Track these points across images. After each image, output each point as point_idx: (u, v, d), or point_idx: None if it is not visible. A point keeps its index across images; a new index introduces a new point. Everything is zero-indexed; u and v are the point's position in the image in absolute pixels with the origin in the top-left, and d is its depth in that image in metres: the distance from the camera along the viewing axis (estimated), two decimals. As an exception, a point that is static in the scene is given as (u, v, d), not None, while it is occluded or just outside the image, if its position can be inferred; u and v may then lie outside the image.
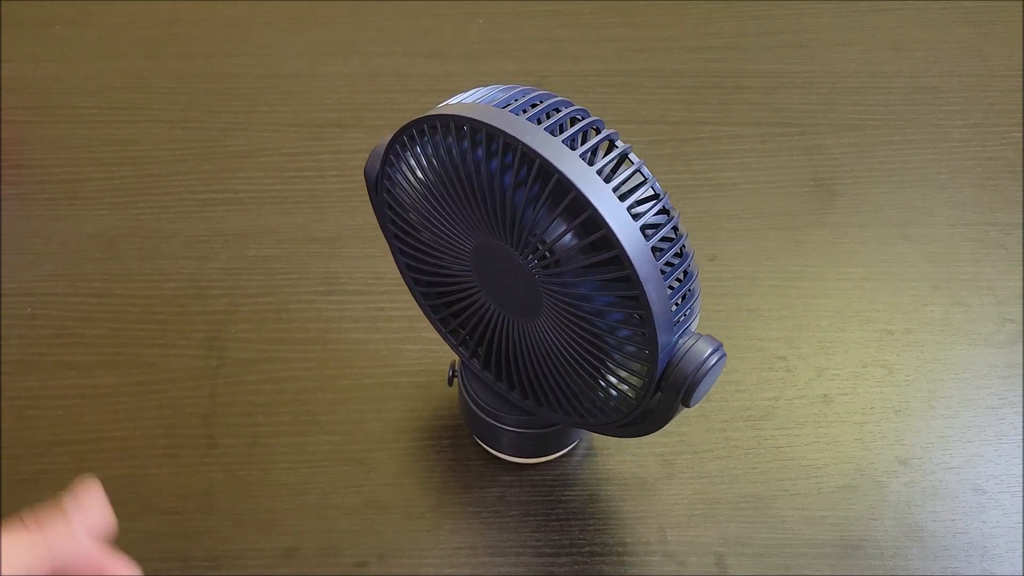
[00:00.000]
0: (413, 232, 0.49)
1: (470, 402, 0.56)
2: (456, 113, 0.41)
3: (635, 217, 0.40)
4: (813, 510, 0.60)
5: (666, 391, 0.43)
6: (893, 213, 0.73)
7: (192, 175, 0.76)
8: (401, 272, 0.53)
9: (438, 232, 0.47)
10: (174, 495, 0.61)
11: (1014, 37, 0.84)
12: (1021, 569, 0.58)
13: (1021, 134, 0.78)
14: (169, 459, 0.62)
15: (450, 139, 0.43)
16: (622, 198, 0.40)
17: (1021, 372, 0.66)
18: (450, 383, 0.58)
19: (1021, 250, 0.71)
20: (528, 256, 0.43)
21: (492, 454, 0.61)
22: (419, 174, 0.45)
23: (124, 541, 0.59)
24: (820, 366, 0.66)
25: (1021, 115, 0.79)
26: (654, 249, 0.40)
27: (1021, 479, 0.61)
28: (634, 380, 0.45)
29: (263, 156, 0.77)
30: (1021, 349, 0.67)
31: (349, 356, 0.66)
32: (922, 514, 0.60)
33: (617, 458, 0.62)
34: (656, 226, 0.41)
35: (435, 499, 0.60)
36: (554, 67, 0.83)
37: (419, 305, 0.54)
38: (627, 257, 0.39)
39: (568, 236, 0.41)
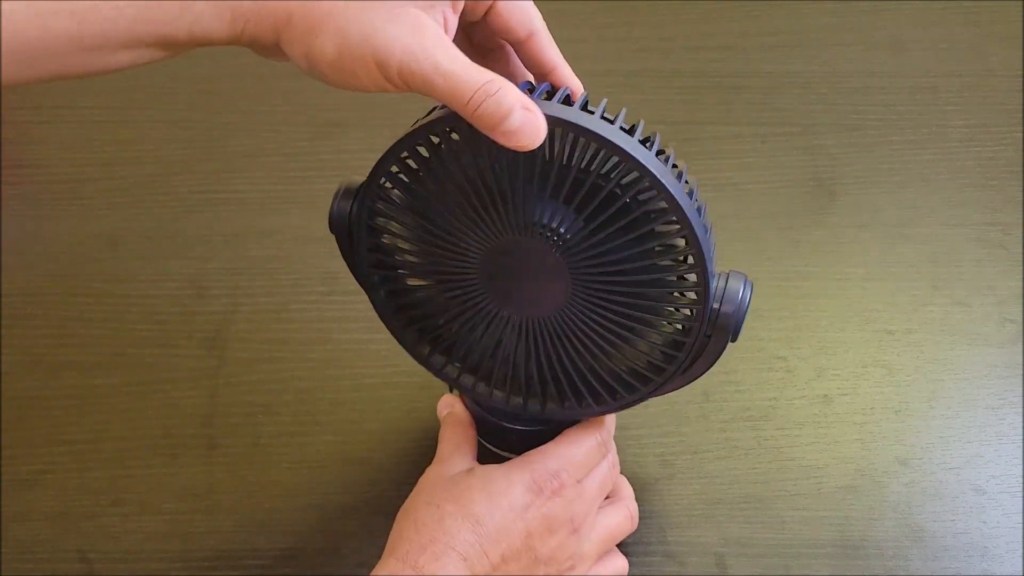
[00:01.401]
0: (412, 262, 0.48)
1: (471, 401, 0.56)
2: None
3: (677, 176, 0.41)
4: (813, 510, 0.60)
5: (716, 334, 0.45)
6: (893, 213, 0.73)
7: (193, 175, 0.75)
8: (388, 321, 0.51)
9: (446, 247, 0.46)
10: (174, 495, 0.61)
11: (1014, 37, 0.84)
12: (1021, 569, 0.58)
13: (1021, 134, 0.77)
14: (169, 459, 0.62)
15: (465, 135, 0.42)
16: (658, 156, 0.41)
17: (1021, 372, 0.66)
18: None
19: (1021, 250, 0.71)
20: (564, 237, 0.43)
21: (493, 454, 0.61)
22: (429, 186, 0.45)
23: (124, 541, 0.60)
24: (820, 366, 0.66)
25: (1021, 115, 0.79)
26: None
27: (1021, 479, 0.61)
28: (682, 333, 0.46)
29: (264, 156, 0.77)
30: (1021, 349, 0.67)
31: (349, 356, 0.66)
32: (922, 514, 0.60)
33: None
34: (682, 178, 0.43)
35: (435, 499, 0.60)
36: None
37: (413, 355, 0.52)
38: (685, 218, 0.41)
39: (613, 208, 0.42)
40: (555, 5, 0.88)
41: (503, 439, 0.58)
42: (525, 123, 0.38)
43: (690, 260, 0.43)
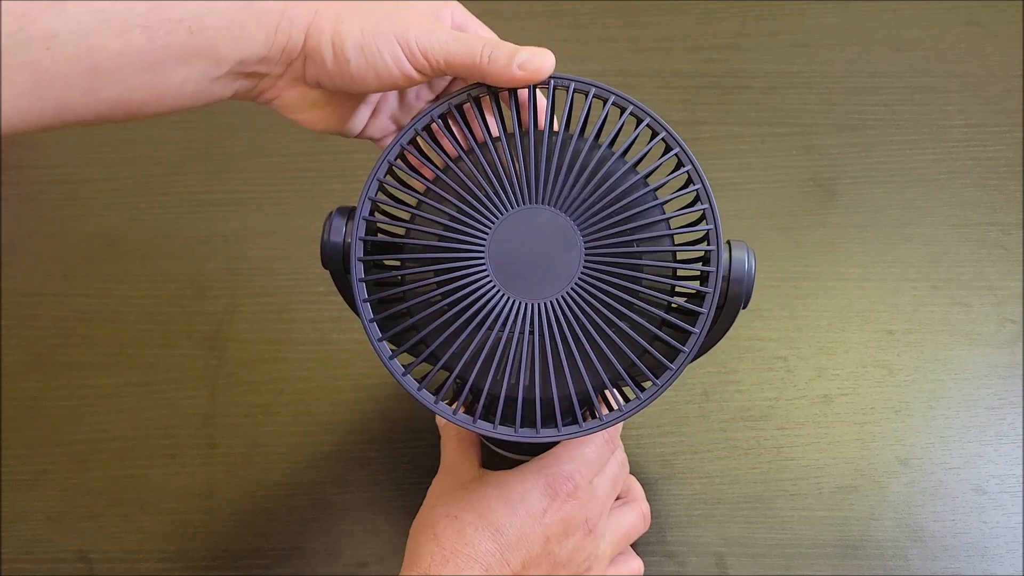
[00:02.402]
0: (417, 258, 0.46)
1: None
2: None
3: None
4: (813, 510, 0.60)
5: (729, 303, 0.46)
6: (893, 213, 0.73)
7: (192, 175, 0.76)
8: (381, 350, 0.47)
9: (459, 227, 0.45)
10: (174, 495, 0.61)
11: (1014, 37, 0.84)
12: (1021, 569, 0.58)
13: (1021, 134, 0.77)
14: (169, 459, 0.62)
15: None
16: None
17: (1021, 372, 0.66)
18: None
19: (1021, 250, 0.71)
20: (591, 207, 0.44)
21: (493, 453, 0.61)
22: (448, 161, 0.45)
23: (125, 541, 0.60)
24: (820, 366, 0.66)
25: (1021, 115, 0.79)
26: None
27: (1021, 479, 0.61)
28: (688, 317, 0.46)
29: (263, 157, 0.77)
30: (1021, 349, 0.67)
31: (349, 356, 0.66)
32: (922, 514, 0.60)
33: (617, 458, 0.62)
34: None
35: (435, 499, 0.60)
36: (554, 67, 0.83)
37: (420, 399, 0.47)
38: (707, 193, 0.45)
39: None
40: (555, 5, 0.88)
41: (510, 443, 0.58)
42: (533, 54, 0.44)
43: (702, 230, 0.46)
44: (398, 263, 0.48)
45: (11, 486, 0.61)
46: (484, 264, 0.45)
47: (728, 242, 0.46)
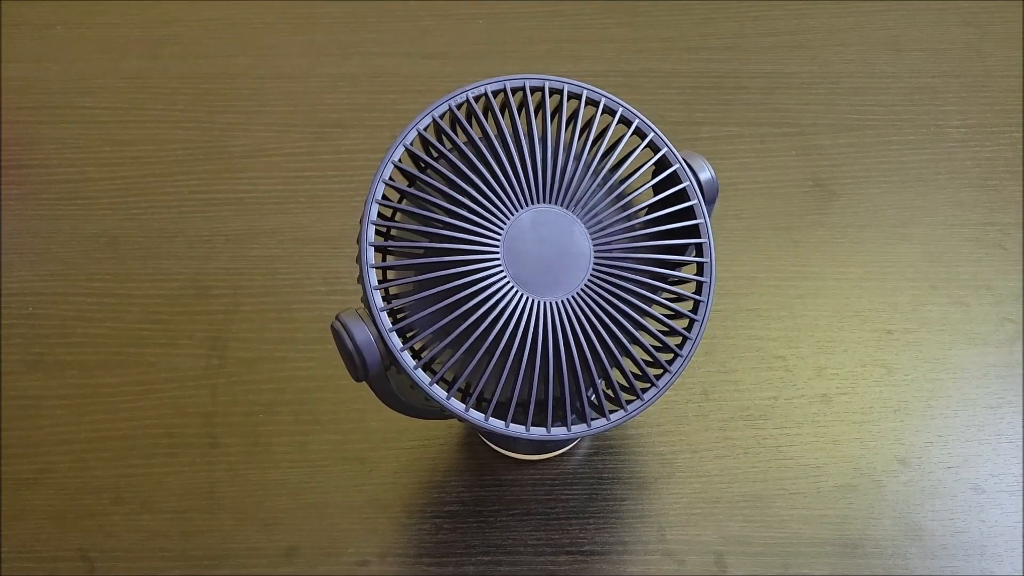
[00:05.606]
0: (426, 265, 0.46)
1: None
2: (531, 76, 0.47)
3: None
4: (812, 509, 0.60)
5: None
6: (892, 213, 0.73)
7: (193, 175, 0.76)
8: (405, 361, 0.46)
9: (473, 223, 0.45)
10: (175, 494, 0.61)
11: (1013, 37, 0.84)
12: (1020, 568, 0.58)
13: (1020, 134, 0.78)
14: (170, 458, 0.62)
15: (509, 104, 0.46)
16: None
17: (1020, 371, 0.66)
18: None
19: (1020, 250, 0.71)
20: (590, 201, 0.46)
21: (493, 452, 0.61)
22: (455, 161, 0.45)
23: (125, 539, 0.60)
24: (819, 365, 0.66)
25: (1020, 115, 0.79)
26: None
27: (1020, 478, 0.62)
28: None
29: (264, 156, 0.77)
30: (1020, 348, 0.67)
31: (350, 356, 0.66)
32: (921, 513, 0.60)
33: (617, 457, 0.62)
34: None
35: (435, 497, 0.61)
36: (554, 67, 0.83)
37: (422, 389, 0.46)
38: (686, 172, 0.48)
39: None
40: (555, 5, 0.88)
41: (509, 441, 0.58)
42: None
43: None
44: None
45: (12, 485, 0.61)
46: (504, 274, 0.45)
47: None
